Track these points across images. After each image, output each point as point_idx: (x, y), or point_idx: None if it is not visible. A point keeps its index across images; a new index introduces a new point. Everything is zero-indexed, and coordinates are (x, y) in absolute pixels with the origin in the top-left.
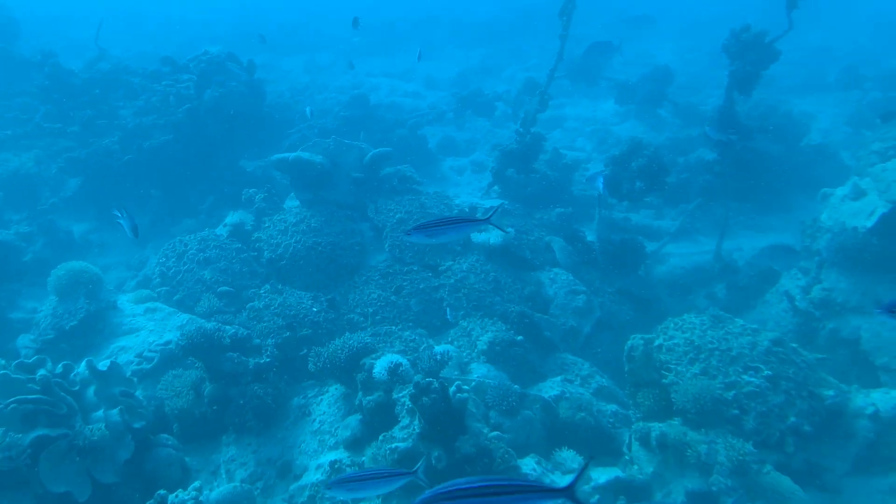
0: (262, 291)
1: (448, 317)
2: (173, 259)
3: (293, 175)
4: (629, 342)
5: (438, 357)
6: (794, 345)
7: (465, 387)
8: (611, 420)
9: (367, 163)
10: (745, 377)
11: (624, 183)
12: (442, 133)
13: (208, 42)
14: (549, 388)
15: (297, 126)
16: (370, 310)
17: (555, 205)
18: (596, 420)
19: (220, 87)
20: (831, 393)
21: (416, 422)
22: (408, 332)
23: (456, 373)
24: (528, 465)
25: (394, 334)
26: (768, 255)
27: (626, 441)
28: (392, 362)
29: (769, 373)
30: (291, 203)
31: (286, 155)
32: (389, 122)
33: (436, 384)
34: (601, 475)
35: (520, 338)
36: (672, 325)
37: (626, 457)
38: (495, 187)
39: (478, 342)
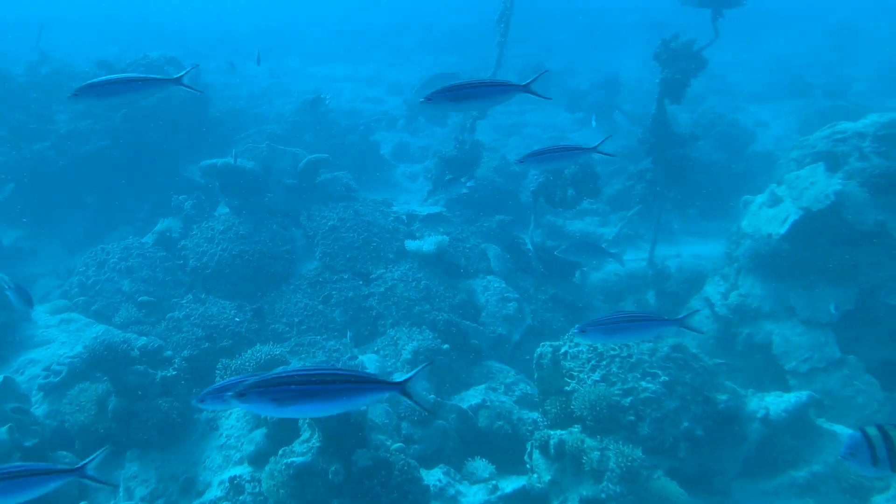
0: (183, 301)
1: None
2: (93, 268)
3: (222, 181)
4: (538, 349)
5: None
6: (694, 350)
7: None
8: (530, 428)
9: (302, 169)
10: (642, 383)
11: (557, 190)
12: (398, 139)
13: (178, 47)
14: (472, 397)
15: (248, 131)
16: (296, 319)
17: (501, 212)
18: (514, 428)
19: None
20: (724, 397)
21: (317, 435)
22: (332, 342)
23: None
24: (435, 476)
25: (317, 344)
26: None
27: (528, 450)
28: None
29: (666, 378)
30: (222, 210)
31: (214, 161)
32: (342, 127)
33: None
34: (508, 485)
35: (446, 346)
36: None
37: (528, 465)
38: (437, 195)
39: (403, 351)
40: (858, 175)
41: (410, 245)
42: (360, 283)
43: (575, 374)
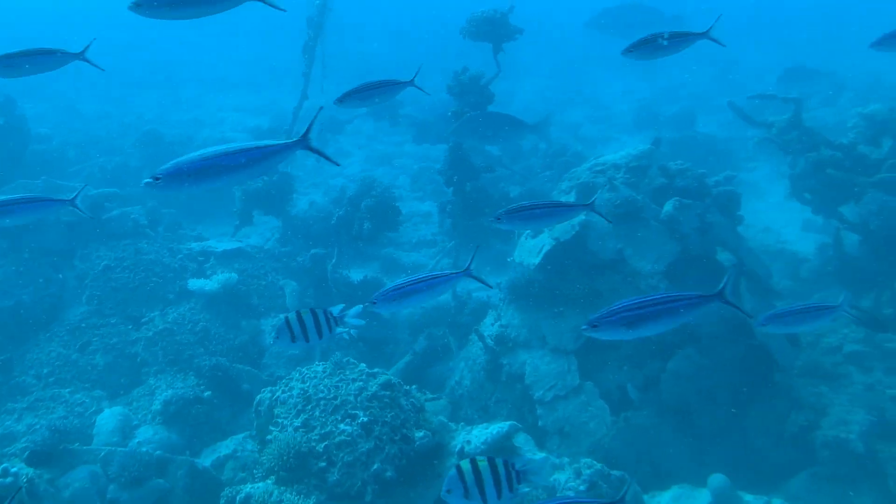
0: None
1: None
2: None
3: None
4: (258, 395)
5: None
6: (407, 387)
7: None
8: None
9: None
10: (341, 426)
11: (355, 224)
12: None
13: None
14: (226, 447)
15: (80, 165)
16: (45, 370)
17: (321, 245)
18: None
19: None
20: (420, 434)
21: None
22: (80, 395)
23: (116, 438)
24: None
25: (60, 398)
26: None
27: None
28: None
29: (366, 419)
30: None
31: None
32: None
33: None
34: None
35: (207, 394)
36: (298, 374)
37: None
38: (245, 229)
39: (156, 402)
40: (605, 205)
41: (193, 284)
42: (130, 327)
43: (280, 420)
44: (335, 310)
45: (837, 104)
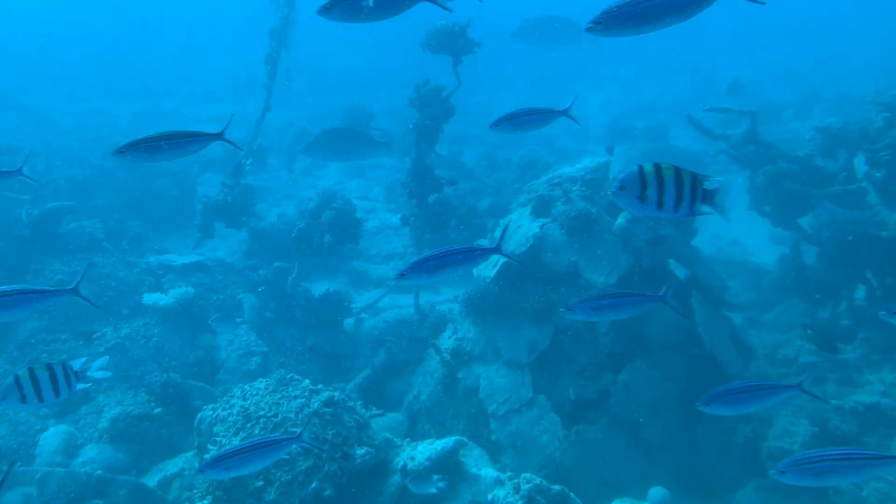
0: None
1: None
2: None
3: None
4: (199, 413)
5: None
6: (352, 403)
7: None
8: None
9: (37, 218)
10: None
11: (316, 236)
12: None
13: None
14: (174, 465)
15: (47, 178)
16: None
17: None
18: None
19: None
20: (362, 451)
21: None
22: (24, 413)
23: (59, 458)
24: None
25: (3, 417)
26: None
27: None
28: None
29: (306, 437)
30: None
31: None
32: (156, 170)
33: None
34: None
35: (158, 410)
36: (239, 391)
37: None
38: (213, 242)
39: (103, 419)
40: (560, 217)
41: (148, 299)
42: (81, 343)
43: (219, 439)
44: (76, 364)
45: (810, 117)
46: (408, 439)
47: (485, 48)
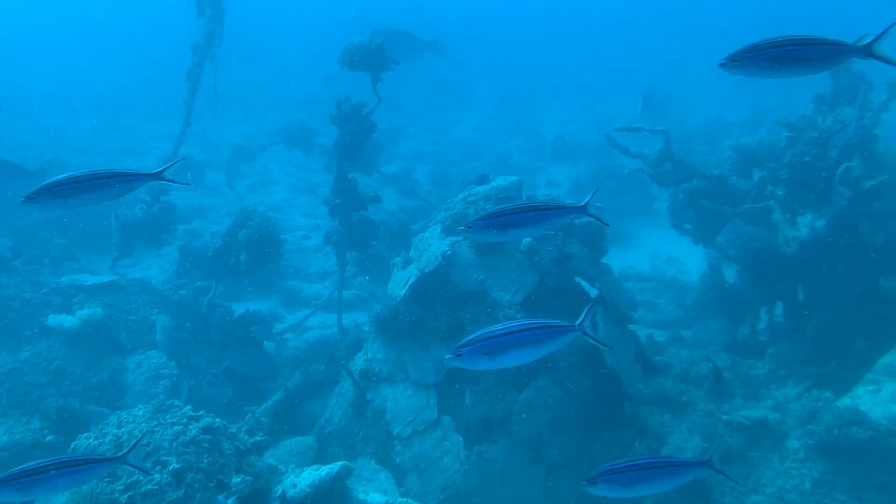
0: None
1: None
2: None
3: None
4: (73, 443)
5: None
6: (234, 429)
7: None
8: None
9: None
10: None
11: (232, 255)
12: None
13: None
14: (62, 497)
15: None
16: None
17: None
18: None
19: None
20: (238, 480)
21: None
22: None
23: None
24: None
25: None
26: None
27: None
28: None
29: (178, 466)
30: None
31: None
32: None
33: None
34: None
35: (50, 438)
36: (115, 419)
37: None
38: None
39: None
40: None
41: (53, 321)
42: None
43: None
44: None
45: (754, 134)
46: (292, 465)
47: (456, 67)
